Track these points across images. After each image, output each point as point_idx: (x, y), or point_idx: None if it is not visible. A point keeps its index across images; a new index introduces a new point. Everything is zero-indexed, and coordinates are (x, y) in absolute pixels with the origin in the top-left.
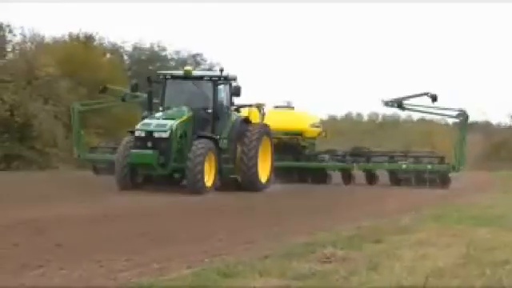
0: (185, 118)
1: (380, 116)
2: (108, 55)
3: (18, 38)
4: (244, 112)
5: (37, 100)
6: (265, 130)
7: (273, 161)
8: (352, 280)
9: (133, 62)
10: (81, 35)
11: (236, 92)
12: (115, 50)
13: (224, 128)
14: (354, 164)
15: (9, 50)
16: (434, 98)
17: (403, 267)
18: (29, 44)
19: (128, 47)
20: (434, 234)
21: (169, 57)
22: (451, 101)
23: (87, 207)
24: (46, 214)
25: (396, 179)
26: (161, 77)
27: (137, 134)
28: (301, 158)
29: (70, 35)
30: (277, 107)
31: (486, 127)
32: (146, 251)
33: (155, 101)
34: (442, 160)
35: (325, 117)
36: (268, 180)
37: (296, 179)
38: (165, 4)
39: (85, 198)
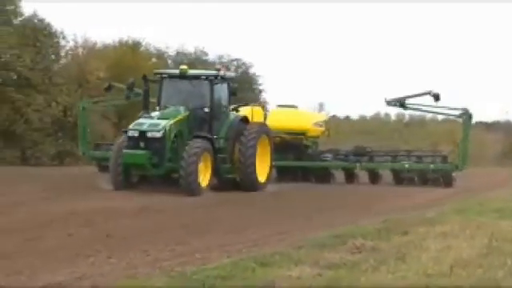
0: (180, 117)
1: (407, 116)
2: (153, 59)
3: (70, 44)
4: (247, 111)
5: None
6: (263, 129)
7: (272, 160)
8: (381, 269)
9: (176, 66)
10: (129, 41)
11: (233, 92)
12: (160, 55)
13: (221, 127)
14: (357, 163)
15: (62, 55)
16: (437, 97)
17: (429, 257)
18: (81, 50)
19: (172, 52)
20: (457, 226)
21: (210, 61)
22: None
23: (129, 201)
24: (94, 206)
25: (399, 178)
26: (157, 76)
27: (130, 133)
28: (304, 157)
29: (119, 41)
30: (280, 106)
31: (508, 126)
32: (188, 242)
33: (153, 100)
34: (444, 159)
35: (355, 116)
36: (267, 179)
37: (299, 178)
38: (203, 6)
39: (126, 192)
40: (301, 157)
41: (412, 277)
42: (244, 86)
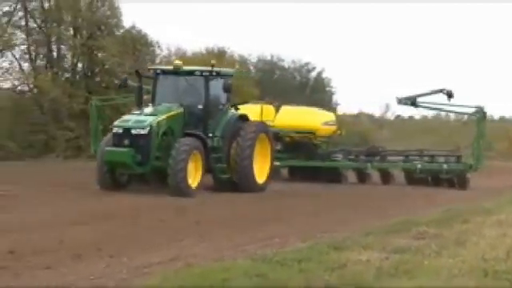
0: (170, 114)
1: (465, 115)
2: (237, 65)
3: (164, 53)
4: (257, 109)
5: None
6: (262, 127)
7: (272, 161)
8: (443, 254)
9: (257, 71)
10: (215, 49)
11: (226, 88)
12: (243, 61)
13: (217, 125)
14: (369, 163)
15: (157, 62)
16: (450, 95)
17: (486, 244)
18: (173, 57)
19: (253, 59)
20: None
21: (286, 66)
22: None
23: (210, 193)
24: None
25: (412, 179)
26: (151, 72)
27: (114, 130)
28: (314, 156)
29: (207, 49)
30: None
31: None
32: (265, 228)
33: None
34: (458, 159)
35: (417, 116)
36: (266, 180)
37: (309, 178)
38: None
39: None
40: (311, 156)
41: (471, 261)
42: (317, 89)
